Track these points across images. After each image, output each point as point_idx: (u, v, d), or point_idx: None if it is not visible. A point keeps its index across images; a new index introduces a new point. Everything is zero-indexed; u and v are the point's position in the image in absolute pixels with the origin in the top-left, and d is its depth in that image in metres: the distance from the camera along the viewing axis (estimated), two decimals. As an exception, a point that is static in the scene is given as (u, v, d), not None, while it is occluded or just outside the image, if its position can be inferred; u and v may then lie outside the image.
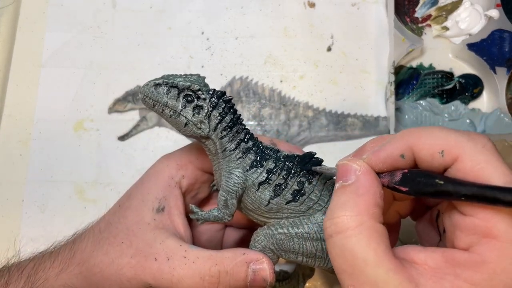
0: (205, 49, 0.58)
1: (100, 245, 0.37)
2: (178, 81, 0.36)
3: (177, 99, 0.35)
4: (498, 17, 0.57)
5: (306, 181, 0.36)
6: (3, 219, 0.53)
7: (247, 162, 0.36)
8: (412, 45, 0.56)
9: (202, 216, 0.37)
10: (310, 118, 0.57)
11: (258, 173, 0.36)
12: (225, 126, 0.36)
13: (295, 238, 0.35)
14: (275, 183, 0.36)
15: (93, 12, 0.59)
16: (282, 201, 0.36)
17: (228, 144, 0.36)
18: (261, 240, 0.36)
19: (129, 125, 0.56)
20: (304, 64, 0.58)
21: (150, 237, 0.36)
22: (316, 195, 0.36)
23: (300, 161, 0.36)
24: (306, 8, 0.60)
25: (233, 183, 0.36)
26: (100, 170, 0.54)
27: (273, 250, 0.36)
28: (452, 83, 0.58)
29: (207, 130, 0.36)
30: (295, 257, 0.36)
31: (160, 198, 0.39)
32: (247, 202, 0.37)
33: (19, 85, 0.57)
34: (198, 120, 0.35)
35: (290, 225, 0.36)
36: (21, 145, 0.55)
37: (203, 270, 0.35)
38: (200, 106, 0.35)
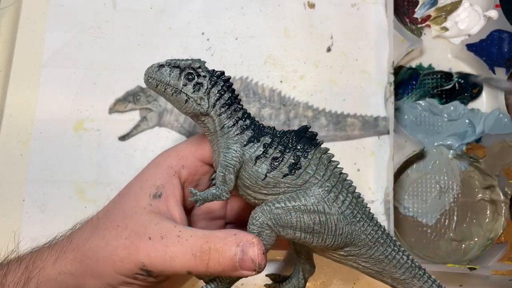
0: (205, 50, 0.58)
1: (97, 231, 0.37)
2: (180, 62, 0.38)
3: (178, 78, 0.37)
4: (497, 18, 0.57)
5: (302, 155, 0.37)
6: (3, 219, 0.53)
7: (244, 138, 0.37)
8: (412, 46, 0.56)
9: (201, 196, 0.37)
10: (310, 118, 0.57)
11: (255, 148, 0.37)
12: (223, 103, 0.37)
13: (293, 211, 0.36)
14: (272, 157, 0.37)
15: (94, 13, 0.59)
16: (278, 175, 0.36)
17: (226, 121, 0.37)
18: (259, 217, 0.36)
19: (129, 125, 0.56)
20: (304, 64, 0.58)
21: (145, 219, 0.37)
22: (312, 169, 0.37)
23: (295, 135, 0.37)
24: (306, 8, 0.60)
25: (231, 157, 0.36)
26: (100, 170, 0.55)
27: (270, 227, 0.36)
28: (451, 84, 0.58)
29: (206, 106, 0.37)
30: (293, 233, 0.36)
31: (158, 185, 0.39)
32: (245, 177, 0.37)
33: (20, 85, 0.57)
34: (198, 96, 0.37)
35: (287, 199, 0.36)
36: (22, 145, 0.55)
37: (195, 247, 0.35)
38: (200, 83, 0.37)
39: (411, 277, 0.39)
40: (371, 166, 0.55)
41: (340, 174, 0.38)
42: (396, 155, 0.53)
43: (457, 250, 0.54)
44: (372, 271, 0.39)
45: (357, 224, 0.37)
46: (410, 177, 0.56)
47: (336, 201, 0.37)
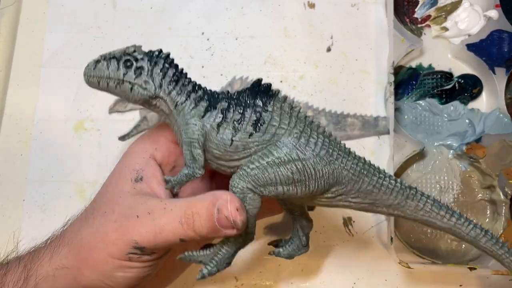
0: (205, 49, 0.58)
1: (86, 220, 0.37)
2: (114, 52, 0.37)
3: (117, 69, 0.36)
4: (497, 18, 0.57)
5: (262, 109, 0.36)
6: (3, 219, 0.53)
7: (200, 110, 0.36)
8: (412, 46, 0.56)
9: (175, 181, 0.37)
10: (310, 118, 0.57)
11: (214, 116, 0.36)
12: (169, 81, 0.37)
13: (268, 167, 0.35)
14: (233, 120, 0.36)
15: (94, 13, 0.59)
16: (244, 136, 0.36)
17: (178, 98, 0.37)
18: (237, 183, 0.35)
19: (129, 125, 0.56)
20: (304, 64, 0.58)
21: (131, 201, 0.37)
22: (276, 120, 0.36)
23: (250, 92, 0.37)
24: (306, 8, 0.60)
25: (191, 131, 0.36)
26: (100, 170, 0.55)
27: (252, 189, 0.35)
28: (452, 84, 0.58)
29: (152, 88, 0.36)
30: (275, 190, 0.36)
31: (137, 169, 0.39)
32: (212, 149, 0.36)
33: (20, 85, 0.57)
34: (142, 80, 0.36)
35: (259, 157, 0.36)
36: (22, 145, 0.55)
37: (179, 214, 0.35)
38: (140, 67, 0.36)
39: (404, 199, 0.38)
40: (371, 166, 0.55)
41: (305, 118, 0.37)
42: (396, 155, 0.53)
43: (457, 250, 0.54)
44: (365, 205, 0.39)
45: (336, 162, 0.36)
46: (410, 177, 0.56)
47: (308, 145, 0.36)
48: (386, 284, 0.52)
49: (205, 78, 0.57)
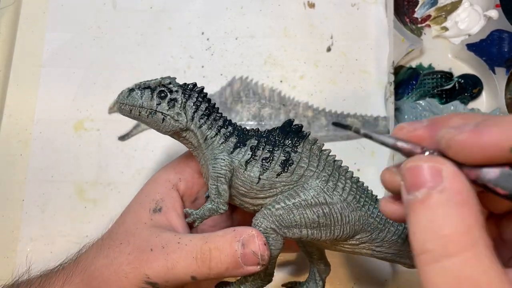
0: (205, 49, 0.58)
1: (101, 251, 0.37)
2: (149, 82, 0.37)
3: (151, 99, 0.36)
4: (497, 18, 0.57)
5: (292, 150, 0.36)
6: (3, 219, 0.53)
7: (230, 145, 0.36)
8: (412, 45, 0.56)
9: (197, 214, 0.36)
10: (310, 118, 0.57)
11: (243, 152, 0.36)
12: (201, 114, 0.37)
13: (294, 209, 0.35)
14: (262, 158, 0.36)
15: (93, 12, 0.59)
16: (272, 175, 0.35)
17: (208, 132, 0.37)
18: (261, 222, 0.35)
19: (129, 125, 0.56)
20: (304, 64, 0.58)
21: (146, 234, 0.37)
22: (305, 162, 0.36)
23: (281, 131, 0.36)
24: (306, 8, 0.60)
25: (219, 166, 0.35)
26: (100, 170, 0.54)
27: (275, 230, 0.35)
28: (452, 83, 0.58)
29: (184, 121, 0.36)
30: (299, 232, 0.35)
31: (157, 199, 0.39)
32: (239, 185, 0.36)
33: (20, 85, 0.57)
34: (175, 112, 0.36)
35: (285, 198, 0.35)
36: (22, 145, 0.55)
37: (195, 249, 0.34)
38: (174, 99, 0.36)
39: None
40: (371, 166, 0.55)
41: (334, 162, 0.37)
42: (396, 155, 0.53)
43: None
44: (388, 255, 0.38)
45: (362, 208, 0.36)
46: (410, 177, 0.56)
47: (336, 189, 0.36)
48: (386, 284, 0.52)
49: (205, 78, 0.57)
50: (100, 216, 0.53)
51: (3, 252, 0.52)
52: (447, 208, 0.22)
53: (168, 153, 0.55)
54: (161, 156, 0.55)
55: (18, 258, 0.52)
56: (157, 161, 0.55)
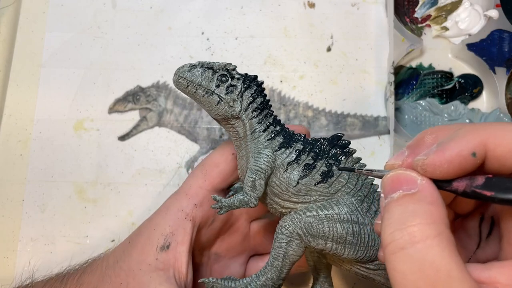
0: (205, 49, 0.58)
1: (103, 282, 0.37)
2: (213, 63, 0.37)
3: (211, 80, 0.36)
4: (497, 17, 0.57)
5: (334, 163, 0.36)
6: (3, 219, 0.53)
7: (275, 144, 0.36)
8: (412, 45, 0.56)
9: (226, 203, 0.35)
10: (310, 118, 0.57)
11: (287, 153, 0.36)
12: (255, 107, 0.37)
13: (325, 220, 0.34)
14: (305, 163, 0.36)
15: (93, 12, 0.59)
16: (311, 182, 0.35)
17: (258, 126, 0.37)
18: (288, 225, 0.35)
19: (129, 125, 0.56)
20: (304, 64, 0.58)
21: (145, 279, 0.36)
22: (345, 178, 0.36)
23: (328, 143, 0.36)
24: (306, 8, 0.60)
25: (262, 161, 0.35)
26: (100, 170, 0.54)
27: (300, 236, 0.34)
28: (452, 83, 0.58)
29: (238, 109, 0.36)
30: (324, 243, 0.35)
31: (167, 234, 0.38)
32: (274, 184, 0.36)
33: (19, 85, 0.57)
34: (231, 98, 0.36)
35: (319, 207, 0.35)
36: (21, 145, 0.55)
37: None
38: (233, 86, 0.36)
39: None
40: (371, 166, 0.54)
41: (371, 185, 0.37)
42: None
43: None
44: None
45: None
46: (410, 177, 0.56)
47: (369, 211, 0.36)
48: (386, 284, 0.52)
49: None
50: (100, 216, 0.53)
51: (3, 252, 0.52)
52: (418, 205, 0.25)
53: (168, 153, 0.55)
54: (160, 156, 0.55)
55: (18, 258, 0.52)
56: (157, 161, 0.55)
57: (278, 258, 0.35)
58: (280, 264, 0.35)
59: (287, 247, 0.35)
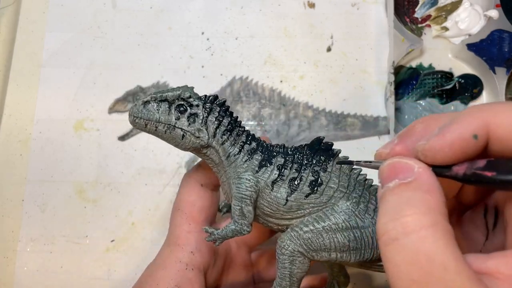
0: (205, 49, 0.58)
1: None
2: (166, 94, 0.34)
3: (169, 113, 0.34)
4: (497, 17, 0.57)
5: (321, 169, 0.34)
6: (3, 219, 0.53)
7: (254, 163, 0.34)
8: (412, 45, 0.56)
9: (219, 235, 0.34)
10: (310, 118, 0.57)
11: (269, 172, 0.34)
12: (224, 130, 0.34)
13: (324, 232, 0.33)
14: (289, 178, 0.34)
15: (93, 12, 0.59)
16: (300, 196, 0.34)
17: (231, 149, 0.34)
18: (288, 245, 0.33)
19: (129, 125, 0.56)
20: (304, 64, 0.58)
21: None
22: (335, 182, 0.34)
23: (309, 149, 0.35)
24: (306, 8, 0.60)
25: (244, 187, 0.33)
26: (100, 170, 0.54)
27: (303, 253, 0.33)
28: (452, 83, 0.58)
29: (206, 137, 0.34)
30: (328, 255, 0.33)
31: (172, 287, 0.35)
32: (264, 206, 0.34)
33: (19, 85, 0.57)
34: (195, 128, 0.34)
35: (314, 220, 0.33)
36: (21, 145, 0.55)
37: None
38: (194, 114, 0.34)
39: None
40: (371, 166, 0.55)
41: (365, 181, 0.35)
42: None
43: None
44: None
45: None
46: (410, 177, 0.56)
47: (367, 212, 0.34)
48: (386, 284, 0.52)
49: (205, 78, 0.57)
50: (99, 216, 0.53)
51: (3, 252, 0.52)
52: (413, 193, 0.24)
53: (168, 153, 0.55)
54: (160, 156, 0.55)
55: (18, 258, 0.52)
56: (157, 161, 0.55)
57: (284, 278, 0.34)
58: (288, 283, 0.34)
59: (291, 267, 0.34)
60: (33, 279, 0.51)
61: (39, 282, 0.50)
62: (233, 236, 0.34)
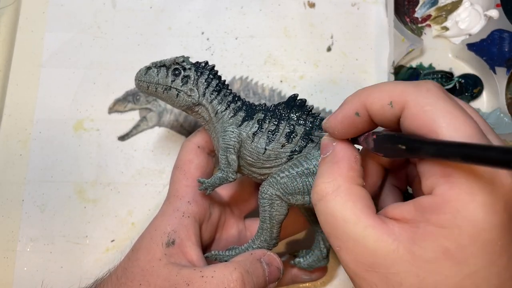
0: (205, 49, 0.58)
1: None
2: (164, 60, 0.41)
3: (166, 76, 0.40)
4: (498, 17, 0.57)
5: (296, 123, 0.39)
6: (3, 219, 0.53)
7: (238, 119, 0.39)
8: (412, 45, 0.56)
9: (209, 183, 0.39)
10: (310, 118, 0.57)
11: (251, 125, 0.39)
12: (212, 90, 0.40)
13: (297, 177, 0.37)
14: (268, 130, 0.38)
15: (93, 12, 0.59)
16: (277, 146, 0.38)
17: (219, 106, 0.40)
18: (267, 190, 0.38)
19: (129, 125, 0.56)
20: (304, 64, 0.58)
21: (165, 272, 0.36)
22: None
23: (286, 105, 0.39)
24: (306, 8, 0.60)
25: (228, 138, 0.38)
26: (100, 170, 0.54)
27: (280, 197, 0.37)
28: (452, 83, 0.58)
29: (197, 96, 0.40)
30: (302, 199, 0.37)
31: (169, 232, 0.38)
32: (246, 156, 0.39)
33: (19, 85, 0.57)
34: (188, 88, 0.40)
35: (290, 167, 0.38)
36: (21, 145, 0.55)
37: (224, 278, 0.35)
38: (187, 76, 0.40)
39: None
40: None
41: None
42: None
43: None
44: None
45: None
46: (410, 177, 0.56)
47: None
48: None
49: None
50: (99, 216, 0.53)
51: (2, 252, 0.52)
52: (325, 166, 0.32)
53: (168, 153, 0.55)
54: (160, 156, 0.55)
55: (18, 258, 0.52)
56: (157, 161, 0.55)
57: (265, 221, 0.38)
58: (268, 226, 0.38)
59: (270, 209, 0.38)
60: (33, 279, 0.51)
61: (39, 282, 0.50)
62: (221, 183, 0.39)
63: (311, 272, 0.47)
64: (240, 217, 0.47)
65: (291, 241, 0.53)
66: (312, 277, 0.47)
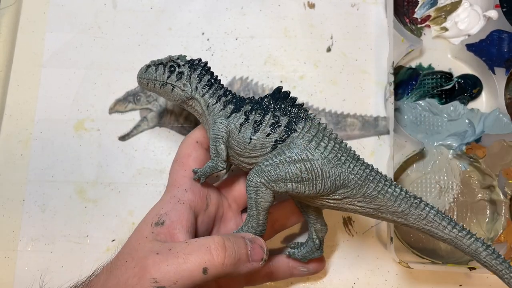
0: (205, 50, 0.59)
1: (111, 272, 0.37)
2: (162, 59, 0.44)
3: (163, 73, 0.43)
4: (497, 18, 0.58)
5: (281, 114, 0.40)
6: (3, 219, 0.53)
7: (227, 111, 0.42)
8: (412, 46, 0.56)
9: (201, 172, 0.42)
10: (310, 118, 0.57)
11: (238, 117, 0.41)
12: (204, 85, 0.43)
13: (280, 165, 0.39)
14: (254, 121, 0.40)
15: (94, 13, 0.59)
16: (262, 135, 0.40)
17: (210, 100, 0.42)
18: (252, 177, 0.39)
19: (129, 125, 0.56)
20: (304, 64, 0.58)
21: (149, 246, 0.37)
22: (292, 124, 0.40)
23: (272, 97, 0.41)
24: (306, 8, 0.60)
25: (217, 128, 0.41)
26: (100, 170, 0.55)
27: (264, 184, 0.39)
28: (451, 84, 0.58)
29: (189, 90, 0.43)
30: (285, 186, 0.39)
31: (161, 214, 0.40)
32: (234, 146, 0.41)
33: (20, 85, 0.57)
34: (182, 83, 0.43)
35: (273, 155, 0.40)
36: (22, 145, 0.55)
37: (207, 242, 0.36)
38: (181, 72, 0.43)
39: (408, 207, 0.40)
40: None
41: (318, 124, 0.41)
42: (396, 155, 0.53)
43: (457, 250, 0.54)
44: (370, 210, 0.41)
45: (343, 165, 0.39)
46: (410, 177, 0.56)
47: (318, 148, 0.39)
48: (386, 284, 0.52)
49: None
50: (100, 216, 0.53)
51: (3, 252, 0.52)
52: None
53: (168, 153, 0.55)
54: (161, 156, 0.55)
55: (19, 258, 0.52)
56: (157, 161, 0.55)
57: (252, 208, 0.40)
58: (255, 212, 0.40)
59: (256, 197, 0.39)
60: (34, 278, 0.51)
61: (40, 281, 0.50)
62: (211, 171, 0.41)
63: (307, 263, 0.48)
64: (237, 211, 0.47)
65: (288, 235, 0.53)
66: (309, 269, 0.48)
